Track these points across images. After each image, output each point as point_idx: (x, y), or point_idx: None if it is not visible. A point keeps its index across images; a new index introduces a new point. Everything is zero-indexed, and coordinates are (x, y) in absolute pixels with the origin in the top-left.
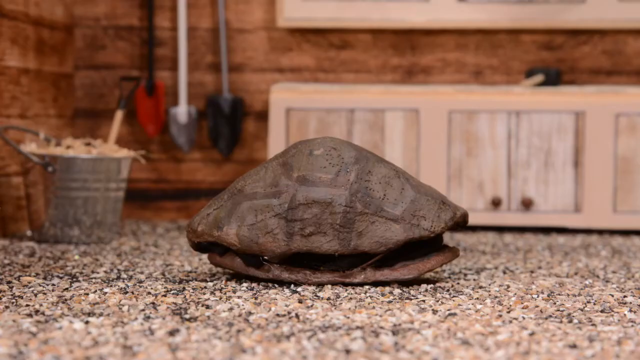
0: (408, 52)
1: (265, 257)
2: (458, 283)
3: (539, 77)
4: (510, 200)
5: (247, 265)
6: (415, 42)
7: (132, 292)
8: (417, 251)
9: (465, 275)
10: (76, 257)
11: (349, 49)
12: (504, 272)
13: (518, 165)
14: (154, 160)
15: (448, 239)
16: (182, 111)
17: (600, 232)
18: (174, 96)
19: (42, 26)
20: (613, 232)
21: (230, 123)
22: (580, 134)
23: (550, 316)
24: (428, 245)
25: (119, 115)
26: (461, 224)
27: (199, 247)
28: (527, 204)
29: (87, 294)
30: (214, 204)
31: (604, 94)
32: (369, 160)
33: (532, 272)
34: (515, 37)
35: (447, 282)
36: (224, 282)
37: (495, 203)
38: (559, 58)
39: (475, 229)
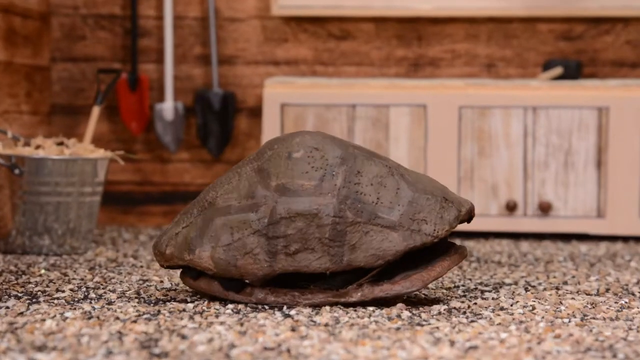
0: (414, 42)
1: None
2: (475, 303)
3: (558, 70)
4: (527, 204)
5: (226, 289)
6: (421, 32)
7: (98, 317)
8: (419, 257)
9: (482, 292)
10: (42, 271)
11: (350, 39)
12: (526, 289)
13: (535, 165)
14: (138, 160)
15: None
16: (168, 107)
17: (626, 239)
18: (159, 91)
19: (14, 14)
20: (639, 240)
21: (220, 120)
22: (604, 131)
23: (590, 349)
24: (431, 248)
25: (95, 111)
26: (467, 220)
27: (171, 267)
28: (545, 209)
29: (44, 320)
30: (182, 220)
31: (629, 87)
32: (357, 158)
33: (557, 288)
34: (530, 27)
35: (462, 301)
36: (206, 303)
37: (510, 207)
38: (579, 49)
39: (488, 235)
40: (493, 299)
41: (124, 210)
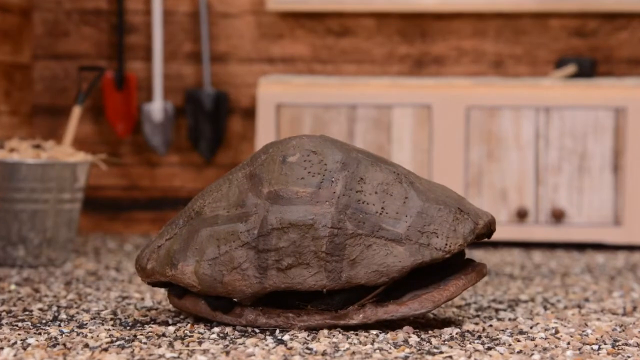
0: (418, 39)
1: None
2: (490, 325)
3: (571, 68)
4: (539, 211)
5: (214, 309)
6: (426, 28)
7: (64, 345)
8: (431, 274)
9: (497, 311)
10: (12, 287)
11: (350, 35)
12: (545, 308)
13: (547, 170)
14: (124, 164)
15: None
16: (157, 108)
17: None
18: (147, 90)
19: None
20: None
21: (212, 121)
22: (621, 133)
23: None
24: (444, 265)
25: (76, 111)
26: (486, 234)
27: (153, 284)
28: (558, 216)
29: (2, 349)
30: (166, 231)
31: None
32: (360, 163)
33: (579, 306)
34: (541, 22)
35: (476, 322)
36: (190, 326)
37: (521, 215)
38: (593, 46)
39: (497, 244)
40: (510, 319)
41: (110, 217)
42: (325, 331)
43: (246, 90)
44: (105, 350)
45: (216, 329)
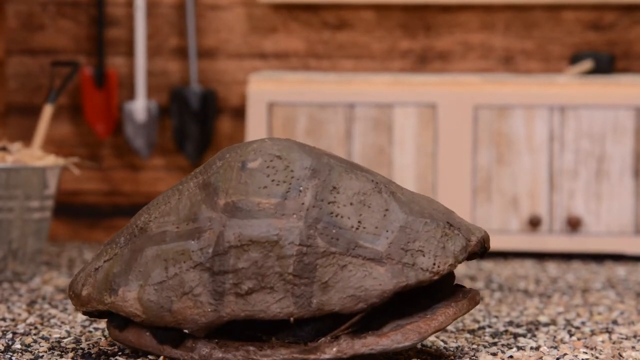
0: (421, 33)
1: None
2: (511, 357)
3: (587, 64)
4: (553, 219)
5: (161, 342)
6: (430, 21)
7: None
8: (416, 300)
9: (516, 337)
10: None
11: (348, 29)
12: (570, 333)
13: (562, 174)
14: (105, 168)
15: (466, 272)
16: (139, 107)
17: None
18: (129, 88)
19: None
20: None
21: (199, 122)
22: None
23: None
24: (432, 289)
25: (47, 111)
26: (479, 252)
27: (90, 313)
28: (574, 224)
29: None
30: (105, 252)
31: None
32: (332, 170)
33: (608, 331)
34: (554, 15)
35: (493, 353)
36: (162, 359)
37: (534, 223)
38: (610, 40)
39: (508, 255)
40: (532, 348)
41: (90, 224)
42: None
43: (236, 88)
44: None
45: None
